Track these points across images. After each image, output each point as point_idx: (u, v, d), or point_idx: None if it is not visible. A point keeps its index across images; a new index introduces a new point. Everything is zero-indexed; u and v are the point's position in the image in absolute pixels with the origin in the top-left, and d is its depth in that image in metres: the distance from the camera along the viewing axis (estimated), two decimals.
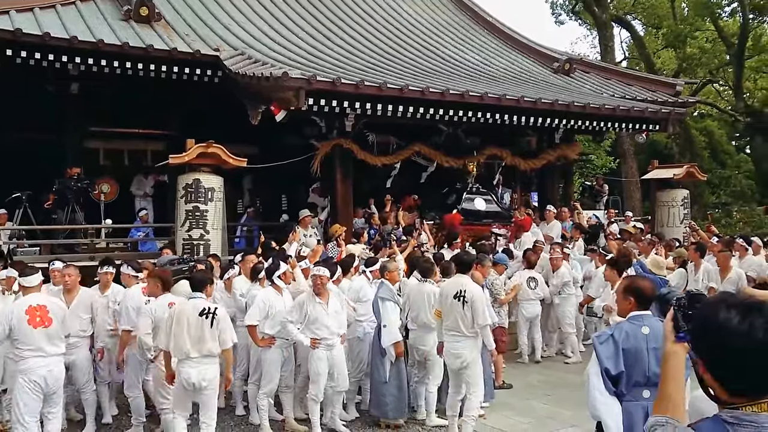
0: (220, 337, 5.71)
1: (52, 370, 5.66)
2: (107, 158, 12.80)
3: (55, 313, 5.75)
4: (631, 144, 24.22)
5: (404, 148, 12.04)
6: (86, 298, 6.94)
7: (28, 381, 5.56)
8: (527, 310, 9.93)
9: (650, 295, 3.83)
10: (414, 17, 17.89)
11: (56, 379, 5.73)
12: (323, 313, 6.52)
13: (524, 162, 13.36)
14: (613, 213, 15.22)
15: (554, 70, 16.74)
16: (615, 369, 3.59)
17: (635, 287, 3.87)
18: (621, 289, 3.97)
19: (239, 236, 12.83)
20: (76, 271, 7.02)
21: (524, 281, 9.85)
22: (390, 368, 6.94)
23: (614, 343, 3.63)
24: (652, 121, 13.80)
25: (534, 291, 9.92)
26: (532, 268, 10.05)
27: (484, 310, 6.32)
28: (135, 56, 10.73)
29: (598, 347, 3.66)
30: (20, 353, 5.60)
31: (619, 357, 3.60)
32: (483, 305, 6.32)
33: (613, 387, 3.59)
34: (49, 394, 5.70)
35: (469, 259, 6.92)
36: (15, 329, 5.55)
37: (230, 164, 9.93)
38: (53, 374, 5.68)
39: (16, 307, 5.71)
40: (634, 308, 3.80)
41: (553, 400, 7.99)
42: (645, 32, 32.82)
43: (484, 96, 11.28)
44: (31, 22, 10.49)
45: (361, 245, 10.11)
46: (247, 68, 10.45)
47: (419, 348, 7.13)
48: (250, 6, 15.03)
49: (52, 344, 5.68)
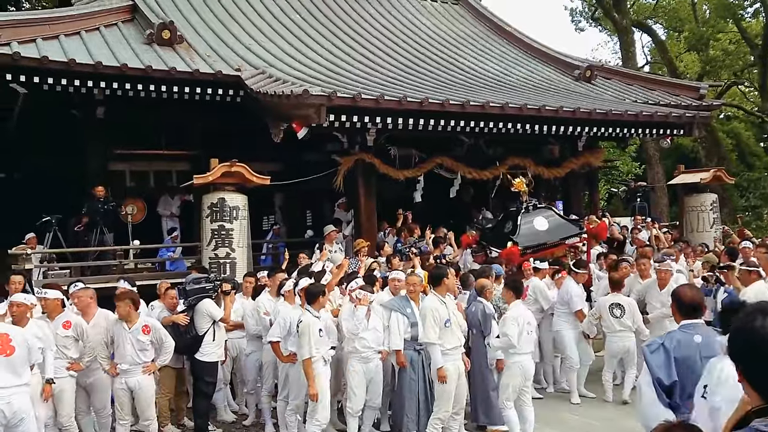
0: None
1: (10, 402, 5.32)
2: (133, 180, 12.96)
3: (18, 342, 5.44)
4: (657, 149, 23.97)
5: (426, 160, 12.03)
6: (102, 320, 6.85)
7: None
8: (612, 344, 8.30)
9: (690, 302, 3.72)
10: (433, 30, 17.94)
11: (15, 412, 5.33)
12: (363, 327, 6.64)
13: (548, 170, 13.25)
14: (639, 219, 15.05)
15: (575, 78, 16.65)
16: (668, 379, 3.44)
17: (676, 295, 3.79)
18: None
19: (265, 253, 12.91)
20: (88, 293, 6.97)
21: (606, 309, 8.28)
22: (398, 378, 6.94)
23: (665, 351, 3.50)
24: (676, 125, 13.64)
25: (620, 320, 8.17)
26: (617, 290, 8.41)
27: (425, 327, 6.37)
28: (158, 79, 10.88)
29: (648, 356, 3.53)
30: None
31: (671, 366, 3.46)
32: (426, 321, 6.36)
33: (666, 398, 3.43)
34: (9, 427, 5.33)
35: (438, 272, 6.90)
36: None
37: (254, 182, 10.01)
38: (11, 406, 5.33)
39: None
40: (679, 317, 3.71)
41: None
42: (666, 36, 32.57)
43: (504, 106, 11.24)
44: (57, 49, 10.71)
45: (379, 259, 10.02)
46: (268, 87, 10.55)
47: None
48: (270, 25, 15.20)
49: (12, 374, 5.37)
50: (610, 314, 8.18)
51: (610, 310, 8.18)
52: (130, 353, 6.51)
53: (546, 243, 10.38)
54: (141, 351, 6.55)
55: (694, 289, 3.96)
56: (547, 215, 10.97)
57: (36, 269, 10.48)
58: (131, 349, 6.50)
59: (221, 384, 7.92)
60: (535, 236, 10.37)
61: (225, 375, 8.11)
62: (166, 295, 7.87)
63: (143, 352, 6.56)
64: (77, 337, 6.50)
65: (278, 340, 6.81)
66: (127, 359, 6.52)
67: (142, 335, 6.53)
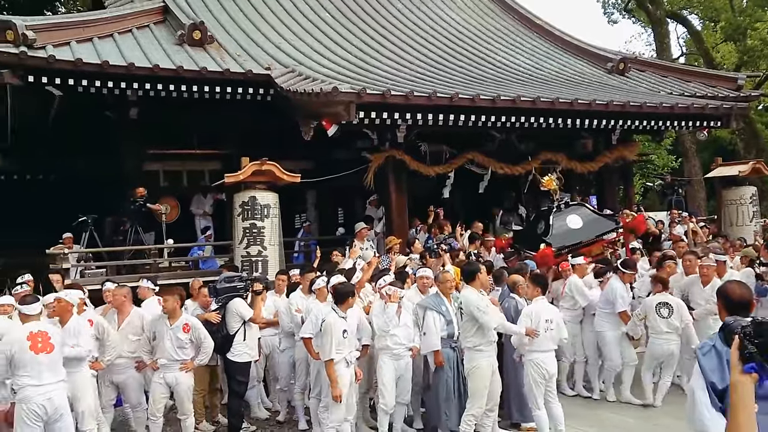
0: None
1: (51, 398, 5.50)
2: (167, 179, 13.12)
3: (56, 340, 5.65)
4: (693, 142, 23.51)
5: (457, 156, 11.95)
6: (136, 318, 6.99)
7: (27, 410, 5.43)
8: (656, 346, 7.83)
9: (739, 300, 3.55)
10: (463, 25, 17.83)
11: (56, 408, 5.53)
12: (394, 323, 6.65)
13: (581, 165, 13.07)
14: (676, 214, 14.75)
15: (608, 71, 16.41)
16: (721, 383, 3.20)
17: (723, 292, 3.64)
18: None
19: (297, 251, 12.96)
20: (122, 291, 7.11)
21: (652, 309, 7.81)
22: (432, 377, 6.89)
23: (717, 354, 3.27)
24: (713, 117, 13.35)
25: (667, 321, 7.69)
26: (665, 290, 7.92)
27: (487, 317, 6.32)
28: (189, 79, 10.99)
29: (701, 359, 3.33)
30: (19, 381, 5.47)
31: (724, 370, 3.20)
32: (482, 313, 6.32)
33: (719, 402, 3.20)
34: (50, 423, 5.54)
35: (471, 268, 6.84)
36: (16, 357, 5.44)
37: (284, 180, 10.05)
38: (53, 402, 5.51)
39: (16, 335, 5.59)
40: (726, 315, 3.57)
41: None
42: (702, 27, 31.87)
43: (536, 100, 11.11)
44: (91, 51, 10.86)
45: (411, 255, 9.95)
46: (297, 85, 10.57)
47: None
48: (299, 24, 15.25)
49: (52, 371, 5.56)
50: (657, 314, 7.73)
51: (657, 310, 7.75)
52: (169, 349, 6.60)
53: (581, 242, 9.95)
54: (180, 348, 6.64)
55: (742, 285, 3.78)
56: (581, 212, 10.53)
57: (73, 268, 10.67)
58: (170, 345, 6.60)
59: (254, 381, 7.98)
60: (569, 235, 10.00)
61: (258, 372, 8.16)
62: (199, 293, 7.95)
63: (182, 349, 6.65)
64: (98, 336, 6.59)
65: (310, 337, 6.82)
66: (166, 355, 6.62)
67: (181, 333, 6.62)
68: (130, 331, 6.95)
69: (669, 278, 8.27)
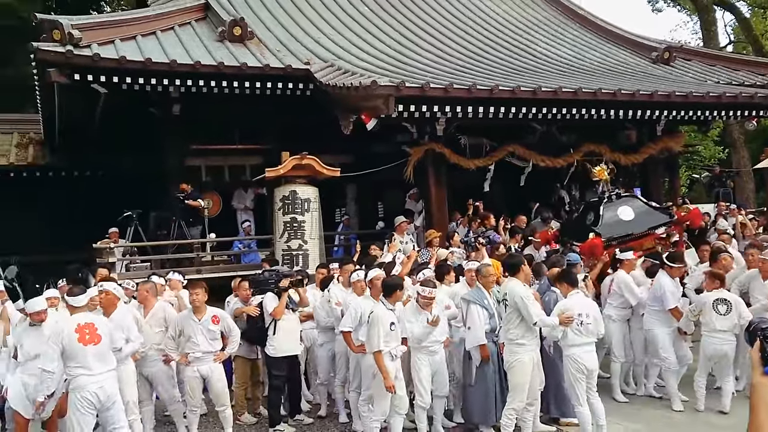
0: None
1: (103, 386, 5.69)
2: (209, 174, 13.30)
3: (103, 330, 5.82)
4: (741, 132, 22.88)
5: (497, 149, 11.82)
6: (159, 311, 7.17)
7: (80, 398, 5.62)
8: (709, 345, 7.33)
9: None
10: (503, 16, 17.65)
11: (108, 396, 5.72)
12: (429, 331, 6.55)
13: (625, 157, 12.79)
14: (723, 206, 14.36)
15: (653, 60, 16.05)
16: None
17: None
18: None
19: (337, 245, 13.01)
20: (146, 286, 7.34)
21: (709, 305, 7.33)
22: (476, 372, 6.81)
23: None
24: (762, 106, 12.95)
25: (724, 318, 7.19)
26: (721, 285, 7.42)
27: (532, 310, 6.24)
28: (230, 75, 11.10)
29: None
30: (71, 371, 5.67)
31: None
32: (526, 304, 6.23)
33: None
34: (103, 411, 5.73)
35: (514, 261, 6.75)
36: (66, 348, 5.62)
37: (324, 175, 10.09)
38: (105, 390, 5.69)
39: (65, 327, 5.75)
40: None
41: None
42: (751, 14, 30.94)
43: (578, 91, 10.92)
44: (134, 49, 11.05)
45: (452, 249, 9.86)
46: (336, 79, 10.59)
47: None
48: (338, 18, 15.28)
49: (101, 361, 5.73)
50: (713, 311, 7.25)
51: (714, 306, 7.26)
52: (202, 343, 6.75)
53: (632, 234, 9.62)
54: (213, 340, 6.83)
55: None
56: (633, 204, 10.14)
57: (119, 262, 10.90)
58: (203, 339, 6.76)
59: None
60: (619, 226, 9.66)
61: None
62: (239, 287, 8.06)
63: (215, 341, 6.85)
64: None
65: (350, 330, 6.85)
66: (200, 348, 6.76)
67: (212, 325, 6.79)
68: (154, 323, 7.12)
69: (727, 275, 7.80)
